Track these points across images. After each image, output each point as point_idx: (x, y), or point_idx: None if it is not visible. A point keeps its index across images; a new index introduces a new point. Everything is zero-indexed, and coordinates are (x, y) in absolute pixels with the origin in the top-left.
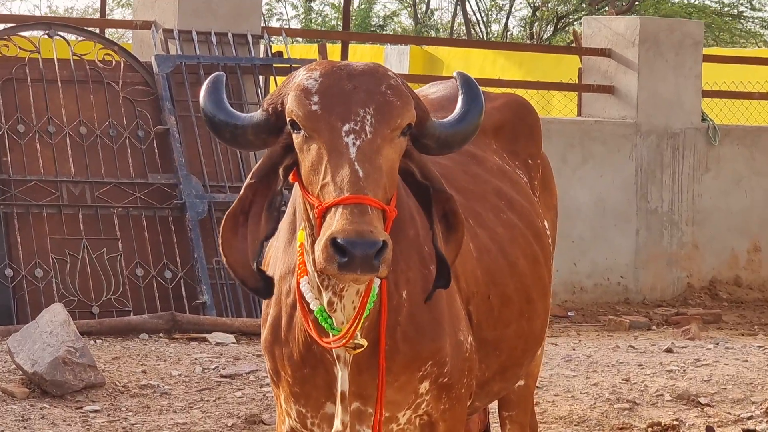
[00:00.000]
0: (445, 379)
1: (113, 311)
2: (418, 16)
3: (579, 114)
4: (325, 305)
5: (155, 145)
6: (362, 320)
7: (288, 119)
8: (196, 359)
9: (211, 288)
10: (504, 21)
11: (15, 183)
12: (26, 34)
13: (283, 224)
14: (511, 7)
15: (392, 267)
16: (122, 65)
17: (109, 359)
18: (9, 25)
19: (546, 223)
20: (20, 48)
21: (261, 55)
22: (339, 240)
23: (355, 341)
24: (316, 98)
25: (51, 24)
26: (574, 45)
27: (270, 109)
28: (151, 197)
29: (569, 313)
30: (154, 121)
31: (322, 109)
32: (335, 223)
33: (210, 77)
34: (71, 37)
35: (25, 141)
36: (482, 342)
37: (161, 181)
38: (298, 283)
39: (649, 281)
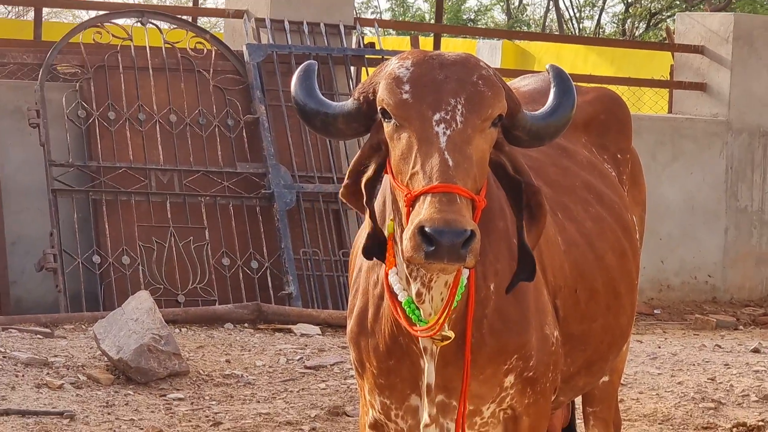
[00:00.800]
0: (530, 373)
1: (199, 300)
2: (511, 10)
3: (670, 111)
4: (414, 296)
5: (244, 134)
6: (450, 312)
7: (379, 108)
8: (280, 350)
9: (297, 279)
10: (597, 17)
11: (104, 170)
12: (119, 21)
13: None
14: (604, 3)
15: (481, 258)
16: (213, 54)
17: (194, 348)
18: (102, 12)
19: (634, 218)
20: (113, 35)
21: (353, 46)
22: (426, 228)
23: (443, 333)
24: (407, 87)
25: (144, 12)
26: (666, 41)
27: (361, 97)
28: (240, 186)
29: (655, 311)
30: (244, 110)
31: (413, 97)
32: (423, 211)
33: (301, 66)
34: (164, 25)
35: (115, 128)
36: (568, 336)
37: (250, 171)
38: (387, 274)
39: (737, 280)
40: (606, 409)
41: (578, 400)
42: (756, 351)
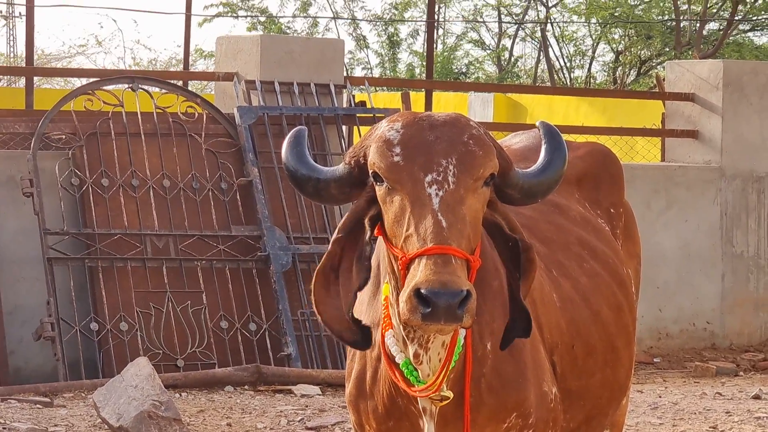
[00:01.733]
0: (530, 431)
1: (198, 364)
2: (502, 63)
3: (663, 159)
4: (411, 358)
5: (238, 197)
6: (448, 372)
7: (370, 171)
8: (281, 411)
9: (296, 339)
10: (587, 66)
11: (99, 237)
12: (110, 87)
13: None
14: (594, 52)
15: (477, 318)
16: (205, 117)
17: (195, 412)
18: (93, 79)
19: (630, 272)
20: (104, 102)
21: (344, 105)
22: (422, 290)
23: (442, 393)
24: (398, 149)
25: (134, 78)
26: (656, 89)
27: (352, 162)
28: (235, 249)
29: (655, 360)
30: (237, 173)
31: (404, 160)
32: (419, 274)
33: (292, 132)
34: (154, 89)
35: (109, 195)
36: (567, 392)
37: (245, 233)
38: (383, 337)
39: (735, 326)
40: None
41: None
42: (757, 398)
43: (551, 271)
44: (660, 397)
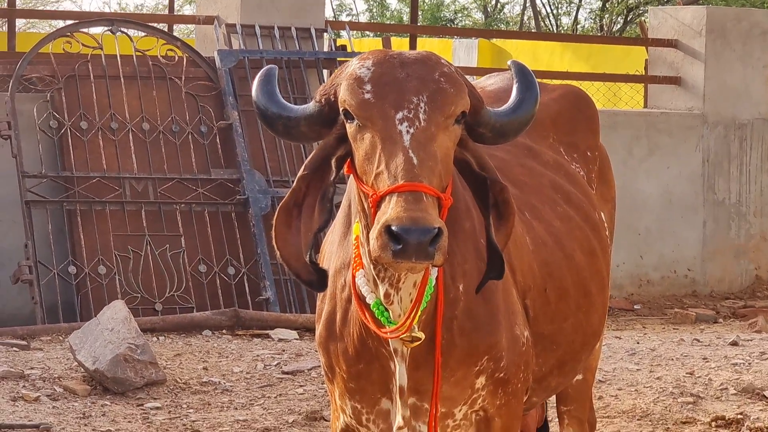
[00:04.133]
0: (501, 374)
1: (176, 308)
2: (488, 9)
3: (646, 106)
4: (382, 298)
5: (218, 140)
6: (419, 312)
7: (341, 109)
8: (258, 356)
9: (274, 284)
10: (574, 14)
11: (78, 180)
12: (89, 30)
13: (338, 218)
14: None
15: (448, 259)
16: (185, 61)
17: (171, 356)
18: (72, 21)
19: (603, 216)
20: (83, 45)
21: (325, 49)
22: (393, 227)
23: (413, 333)
24: (368, 87)
25: (113, 20)
26: (641, 37)
27: (323, 99)
28: (214, 193)
29: (635, 306)
30: (217, 117)
31: (374, 97)
32: (389, 210)
33: (261, 70)
34: (134, 33)
35: (87, 138)
36: (539, 336)
37: (224, 177)
38: (354, 277)
39: (716, 273)
40: (580, 408)
41: (552, 399)
42: (734, 344)
43: (524, 213)
44: (638, 343)
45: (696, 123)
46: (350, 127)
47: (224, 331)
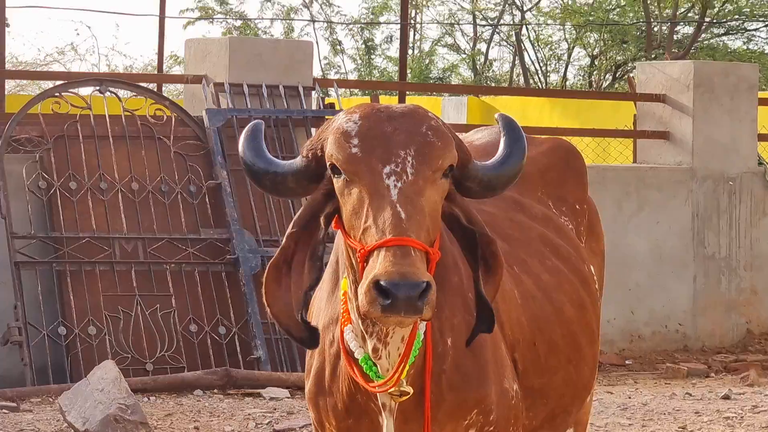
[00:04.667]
0: (491, 428)
1: (167, 368)
2: (477, 67)
3: (635, 161)
4: (370, 352)
5: (207, 200)
6: (407, 366)
7: (328, 163)
8: (249, 414)
9: (265, 343)
10: (563, 71)
11: (67, 240)
12: (78, 90)
13: (326, 274)
14: (569, 56)
15: (437, 314)
16: (173, 120)
17: (162, 416)
18: (61, 82)
19: (593, 269)
20: (72, 105)
21: (313, 107)
22: (382, 282)
23: (401, 388)
24: (355, 141)
25: (102, 80)
26: (629, 92)
27: (310, 154)
28: (204, 252)
29: (627, 362)
30: (206, 176)
31: (362, 151)
32: (378, 265)
33: (248, 126)
34: (123, 93)
35: (77, 198)
36: (529, 390)
37: (214, 236)
38: (342, 332)
39: (707, 328)
40: None
41: None
42: (726, 398)
43: (512, 267)
44: (630, 398)
45: (685, 177)
46: (337, 182)
47: (216, 390)
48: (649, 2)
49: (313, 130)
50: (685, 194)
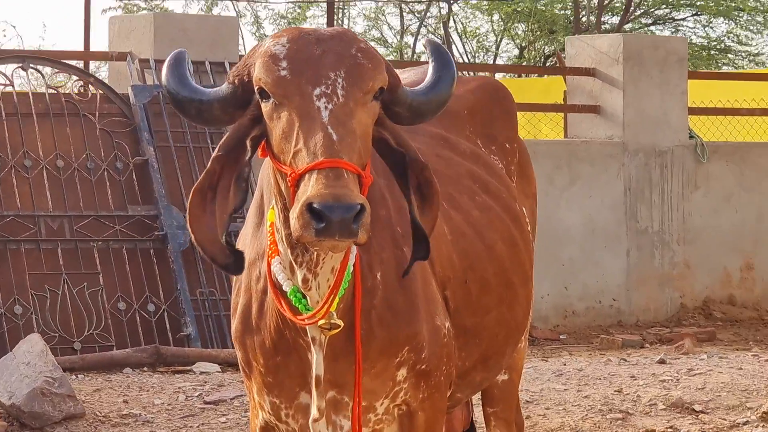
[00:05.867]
0: (423, 366)
1: (96, 347)
2: (404, 59)
3: (566, 136)
4: (300, 283)
5: (134, 176)
6: (337, 299)
7: (256, 87)
8: (179, 388)
9: (195, 320)
10: (491, 62)
11: None
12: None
13: (251, 211)
14: (498, 48)
15: (365, 248)
16: (98, 97)
17: (90, 392)
18: None
19: (525, 210)
20: None
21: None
22: (315, 205)
23: (331, 321)
24: (284, 63)
25: (25, 57)
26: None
27: (236, 80)
28: (132, 229)
29: (561, 336)
30: (133, 153)
31: (291, 74)
32: (310, 188)
33: (171, 54)
34: (46, 70)
35: (0, 176)
36: (461, 329)
37: (141, 213)
38: (269, 265)
39: (641, 302)
40: (507, 409)
41: (478, 400)
42: (662, 362)
43: (441, 203)
44: (564, 365)
45: (616, 151)
46: (266, 106)
47: (145, 368)
48: None
49: None
50: (617, 168)
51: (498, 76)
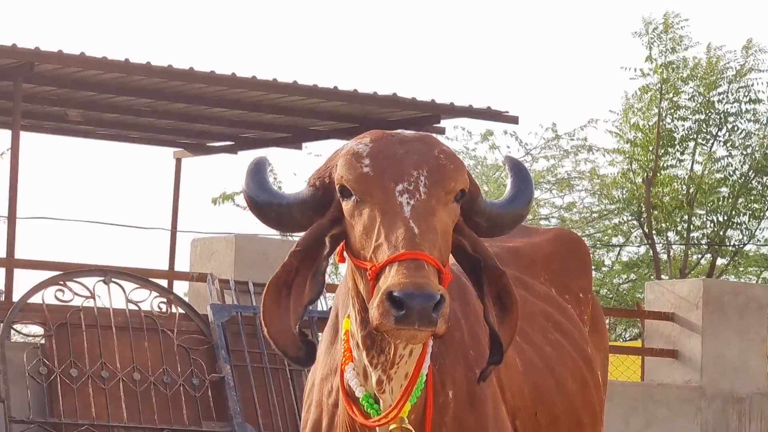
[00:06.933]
0: None
1: None
2: None
3: (642, 379)
4: (374, 386)
5: (210, 393)
6: (409, 404)
7: (338, 186)
8: None
9: None
10: None
11: (66, 427)
12: (81, 280)
13: (325, 331)
14: None
15: (438, 366)
16: (177, 314)
17: None
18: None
19: (597, 359)
20: (75, 294)
21: (318, 308)
22: (396, 293)
23: (403, 425)
24: (367, 161)
25: (106, 271)
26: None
27: (317, 183)
28: None
29: None
30: (209, 370)
31: (374, 171)
32: (390, 278)
33: (252, 160)
34: (127, 285)
35: (77, 386)
36: None
37: (215, 430)
38: (342, 372)
39: None
40: None
41: None
42: None
43: (515, 336)
44: None
45: (694, 396)
46: (347, 204)
47: None
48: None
49: (319, 335)
50: (694, 413)
51: None
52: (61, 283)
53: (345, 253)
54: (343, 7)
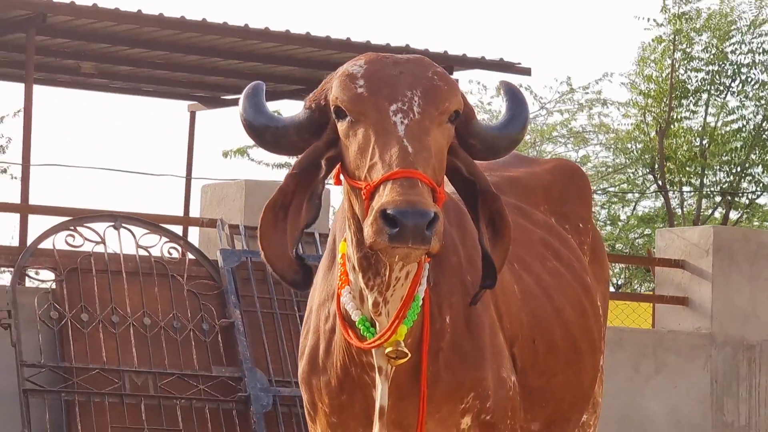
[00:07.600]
0: (488, 416)
1: None
2: None
3: (653, 326)
4: (370, 308)
5: (220, 338)
6: (404, 326)
7: (332, 107)
8: None
9: None
10: None
11: (77, 371)
12: (92, 225)
13: (323, 258)
14: None
15: (435, 290)
16: (187, 259)
17: None
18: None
19: (597, 294)
20: (85, 239)
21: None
22: (389, 211)
23: (399, 348)
24: (361, 82)
25: (117, 217)
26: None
27: (313, 105)
28: (215, 390)
29: None
30: (219, 315)
31: (368, 91)
32: (384, 196)
33: (249, 85)
34: (137, 230)
35: (88, 330)
36: (527, 390)
37: (225, 374)
38: (339, 297)
39: None
40: None
41: None
42: None
43: (513, 264)
44: None
45: (704, 343)
46: (342, 125)
47: None
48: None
49: None
50: (704, 359)
51: None
52: (72, 228)
53: (341, 176)
54: None
